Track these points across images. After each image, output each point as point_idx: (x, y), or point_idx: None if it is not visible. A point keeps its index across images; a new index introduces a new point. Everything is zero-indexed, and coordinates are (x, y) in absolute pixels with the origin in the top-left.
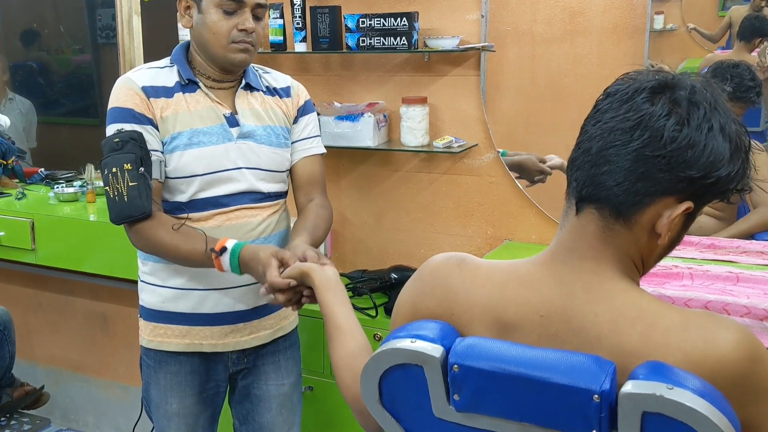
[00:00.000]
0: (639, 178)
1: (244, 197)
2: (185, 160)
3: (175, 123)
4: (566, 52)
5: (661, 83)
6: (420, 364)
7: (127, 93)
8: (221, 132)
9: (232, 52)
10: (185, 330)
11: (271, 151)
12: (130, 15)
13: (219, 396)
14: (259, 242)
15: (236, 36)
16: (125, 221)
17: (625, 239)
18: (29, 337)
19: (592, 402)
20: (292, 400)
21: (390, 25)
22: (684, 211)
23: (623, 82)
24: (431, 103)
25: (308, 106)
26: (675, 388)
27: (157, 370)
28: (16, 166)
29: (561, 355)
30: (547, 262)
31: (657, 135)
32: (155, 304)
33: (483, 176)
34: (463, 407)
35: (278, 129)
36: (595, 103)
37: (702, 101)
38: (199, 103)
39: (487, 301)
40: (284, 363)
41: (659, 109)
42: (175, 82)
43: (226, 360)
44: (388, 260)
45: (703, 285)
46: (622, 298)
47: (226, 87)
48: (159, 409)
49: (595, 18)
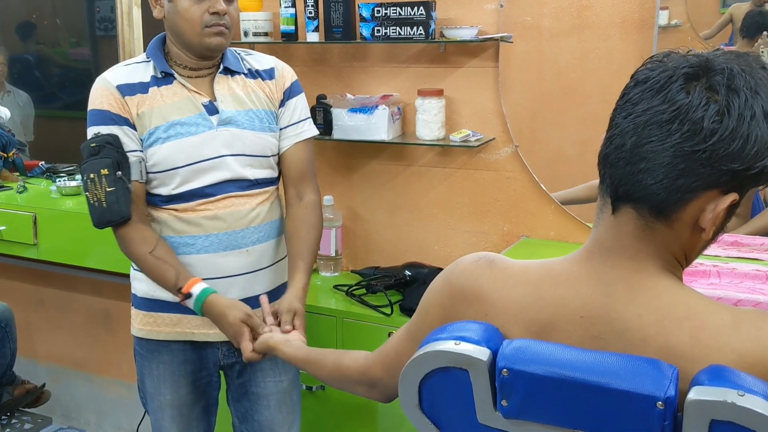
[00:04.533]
0: (679, 175)
1: (230, 185)
2: (164, 153)
3: (151, 118)
4: (574, 46)
5: (695, 68)
6: (465, 367)
7: (103, 94)
8: (200, 121)
9: (207, 36)
10: (176, 318)
11: (254, 135)
12: (130, 6)
13: (212, 386)
14: (251, 231)
15: (209, 20)
16: (106, 226)
17: (666, 237)
18: (30, 333)
19: (656, 409)
20: (292, 398)
21: (406, 15)
22: (729, 204)
23: (653, 67)
24: (447, 96)
25: (295, 87)
26: (746, 394)
27: (150, 360)
28: (16, 159)
29: (620, 359)
30: (584, 260)
31: (696, 128)
32: (146, 291)
33: (500, 171)
34: (512, 413)
35: (261, 113)
36: (624, 92)
37: (742, 86)
38: (176, 95)
39: (522, 301)
40: (281, 359)
41: (696, 99)
42: (151, 77)
43: (216, 350)
44: (401, 257)
45: (732, 283)
46: (667, 297)
47: (204, 74)
48: (153, 400)
49: (603, 12)
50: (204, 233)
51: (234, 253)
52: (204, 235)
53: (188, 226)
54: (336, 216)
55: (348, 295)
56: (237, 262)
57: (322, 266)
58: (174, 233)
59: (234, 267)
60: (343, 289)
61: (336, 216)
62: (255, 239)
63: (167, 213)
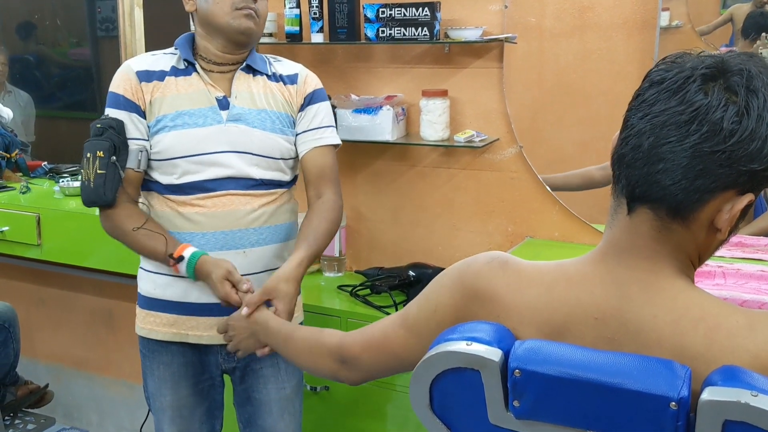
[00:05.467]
0: (698, 176)
1: (231, 182)
2: (168, 142)
3: (161, 105)
4: (577, 47)
5: (711, 69)
6: (477, 368)
7: (122, 78)
8: (210, 114)
9: (238, 18)
10: (173, 319)
11: (264, 135)
12: (132, 7)
13: (215, 389)
14: (251, 232)
15: (239, 2)
16: (92, 206)
17: (682, 237)
18: (31, 333)
19: (669, 410)
20: (294, 405)
21: (411, 15)
22: (746, 204)
23: (668, 68)
24: (451, 96)
25: (318, 94)
26: (760, 394)
27: (152, 360)
28: (19, 159)
29: (633, 360)
30: (598, 261)
31: (715, 129)
32: (149, 290)
33: (504, 171)
34: (524, 414)
35: (275, 114)
36: (638, 93)
37: (760, 87)
38: (191, 86)
39: (536, 302)
40: (284, 365)
41: (715, 100)
42: (171, 67)
43: (216, 354)
44: (405, 257)
45: (737, 284)
46: (682, 298)
47: (226, 71)
48: (155, 401)
49: (605, 13)
50: (200, 231)
51: (230, 253)
52: (200, 233)
53: (186, 222)
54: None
55: (352, 296)
56: (233, 263)
57: (326, 267)
58: (173, 228)
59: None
60: (347, 290)
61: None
62: (254, 241)
63: (167, 207)
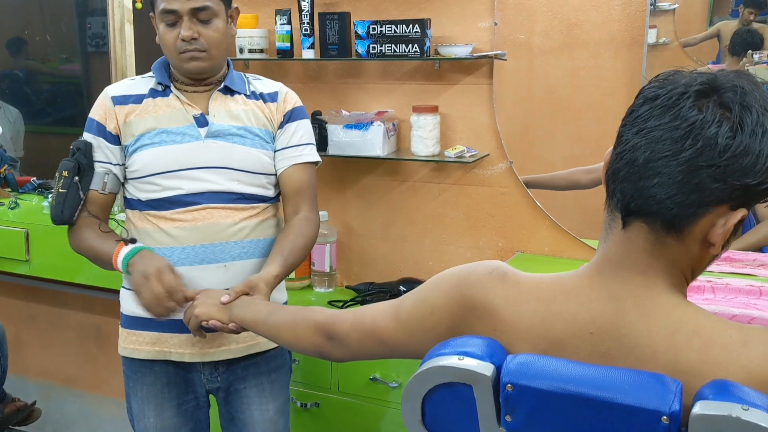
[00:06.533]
0: (693, 190)
1: (212, 196)
2: (147, 158)
3: (138, 125)
4: (566, 64)
5: (704, 85)
6: (469, 383)
7: (99, 104)
8: (189, 131)
9: (183, 62)
10: (155, 336)
11: (244, 150)
12: (122, 23)
13: (200, 410)
14: (232, 245)
15: (180, 46)
16: (54, 223)
17: (676, 252)
18: (20, 350)
19: (661, 424)
20: (278, 427)
21: (402, 32)
22: (739, 219)
23: (661, 85)
24: (442, 112)
25: (298, 112)
26: (751, 408)
27: (135, 381)
28: (8, 175)
29: (625, 374)
30: (594, 276)
31: (710, 144)
32: (131, 309)
33: (494, 187)
34: (516, 429)
35: (255, 130)
36: (632, 109)
37: (753, 104)
38: (169, 106)
39: (533, 317)
40: (269, 386)
41: (709, 116)
42: (149, 89)
43: (200, 372)
44: (396, 272)
45: (726, 299)
46: (677, 313)
47: (201, 91)
48: (139, 422)
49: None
50: (180, 245)
51: (211, 267)
52: (180, 247)
53: (166, 237)
54: (330, 232)
55: None
56: (214, 277)
57: (316, 282)
58: (154, 244)
59: (211, 281)
60: (337, 305)
61: (330, 232)
62: (235, 254)
63: (148, 223)
